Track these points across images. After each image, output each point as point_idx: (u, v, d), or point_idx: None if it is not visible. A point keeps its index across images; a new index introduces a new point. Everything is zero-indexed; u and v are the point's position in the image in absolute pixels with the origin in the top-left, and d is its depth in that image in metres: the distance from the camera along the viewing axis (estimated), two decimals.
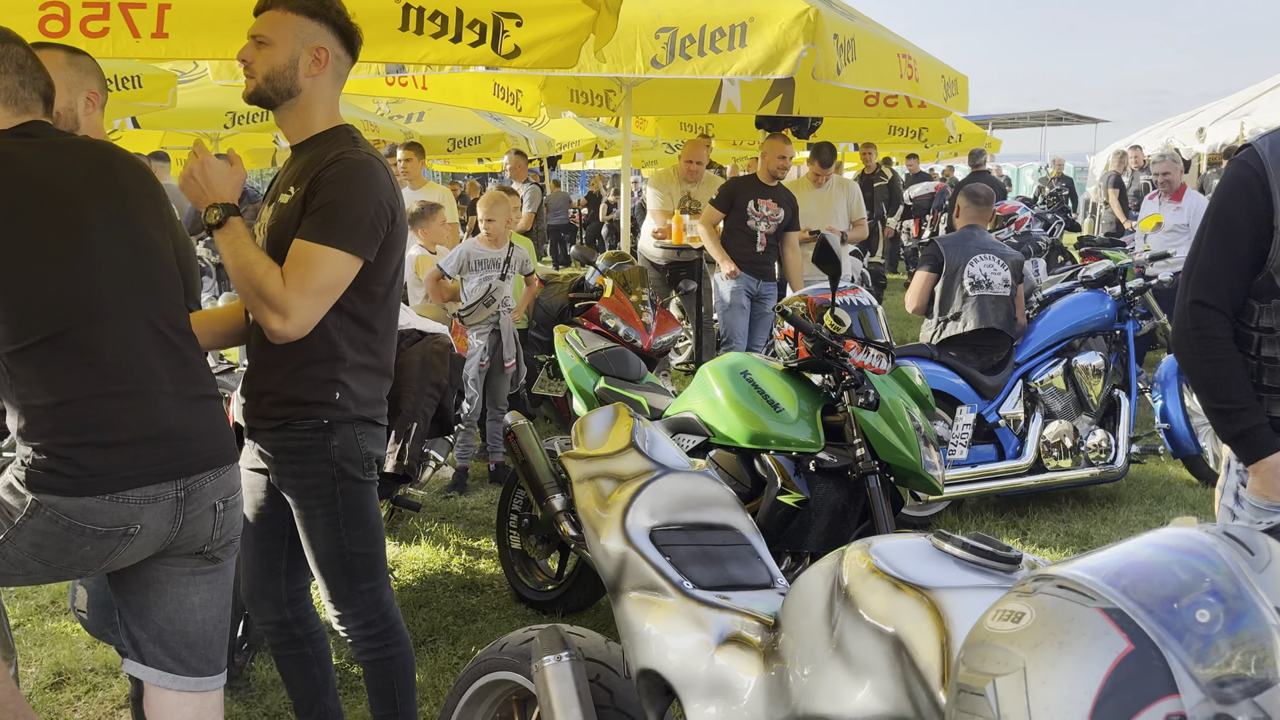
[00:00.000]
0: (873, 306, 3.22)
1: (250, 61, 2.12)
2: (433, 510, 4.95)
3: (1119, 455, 4.81)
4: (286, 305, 1.99)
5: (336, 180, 2.06)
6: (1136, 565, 0.92)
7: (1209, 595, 0.88)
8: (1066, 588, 0.91)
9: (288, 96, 2.14)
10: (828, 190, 6.81)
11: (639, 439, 2.11)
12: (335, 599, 2.30)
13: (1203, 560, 0.91)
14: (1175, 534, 0.95)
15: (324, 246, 2.03)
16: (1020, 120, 29.87)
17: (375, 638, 2.34)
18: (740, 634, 1.72)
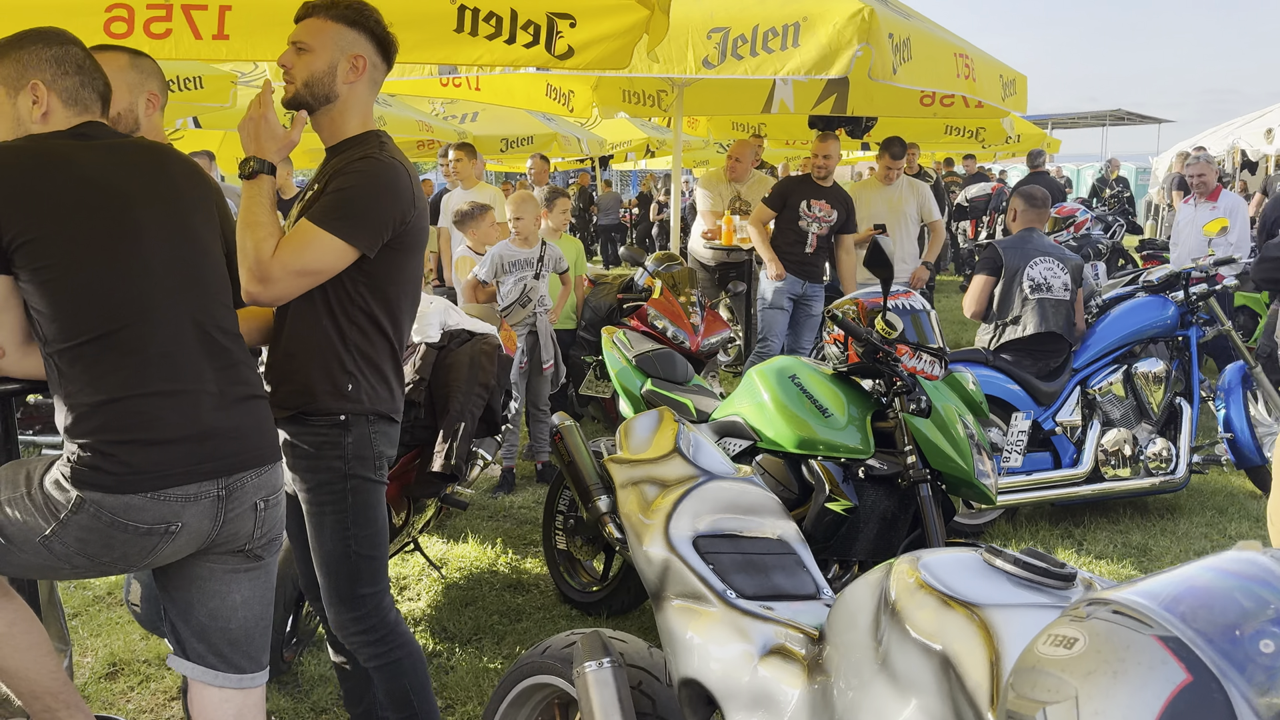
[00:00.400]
0: (925, 310, 3.16)
1: (290, 67, 2.16)
2: (481, 509, 4.98)
3: (1180, 465, 4.67)
4: (269, 273, 2.02)
5: (355, 173, 2.12)
6: (1196, 591, 0.88)
7: (1273, 625, 0.84)
8: (1122, 613, 0.88)
9: (325, 102, 2.19)
10: (896, 189, 6.59)
11: (683, 444, 2.10)
12: (338, 601, 2.29)
13: (1267, 587, 0.87)
14: (1238, 558, 0.91)
15: (321, 230, 2.07)
16: (1081, 120, 29.23)
17: (378, 642, 2.33)
18: (784, 646, 1.69)
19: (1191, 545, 4.50)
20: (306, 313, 2.17)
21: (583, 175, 19.84)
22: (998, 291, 4.77)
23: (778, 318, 5.96)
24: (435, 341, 3.30)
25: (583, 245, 17.32)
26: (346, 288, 2.18)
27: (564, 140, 13.09)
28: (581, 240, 18.54)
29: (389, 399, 2.28)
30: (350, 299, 2.18)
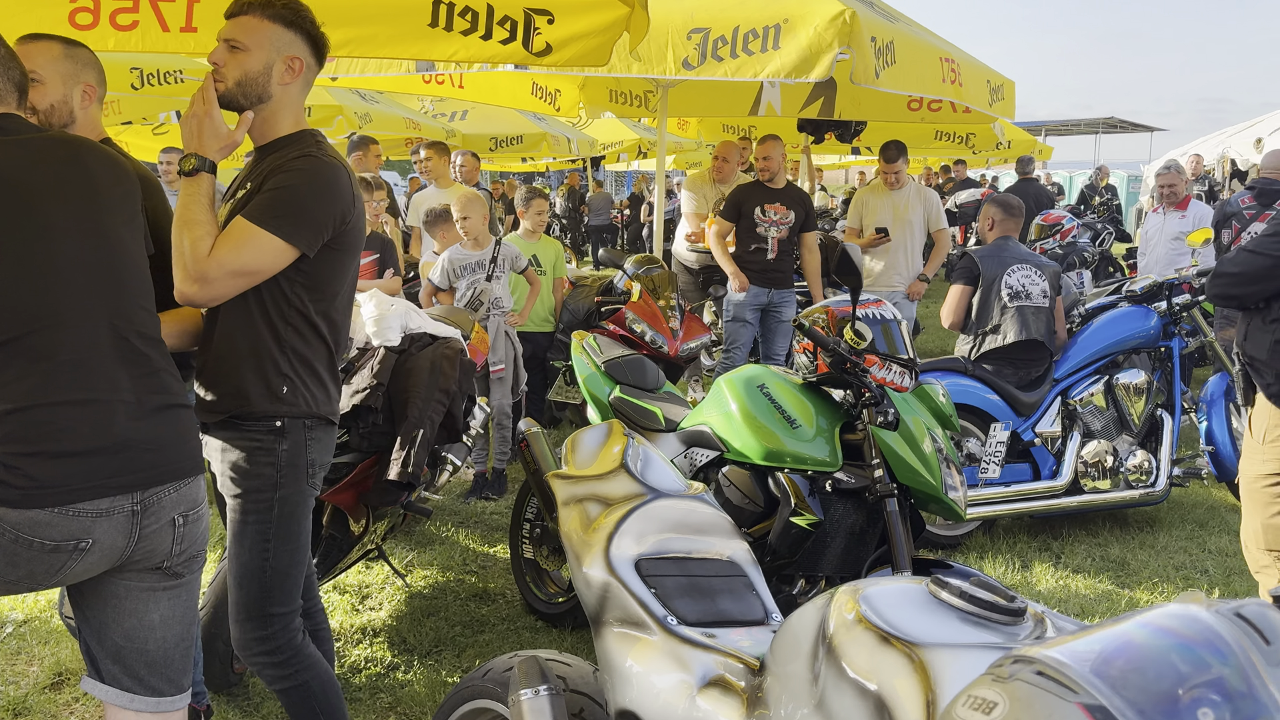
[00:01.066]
0: (896, 320, 3.08)
1: (221, 65, 2.09)
2: (451, 514, 4.89)
3: (1160, 477, 4.61)
4: (205, 272, 1.96)
5: (295, 171, 2.06)
6: (1129, 651, 0.80)
7: (1212, 693, 0.76)
8: (1046, 675, 0.79)
9: (257, 102, 2.13)
10: (903, 195, 6.43)
11: (631, 460, 2.01)
12: (246, 618, 2.21)
13: (1208, 649, 0.79)
14: (1178, 614, 0.83)
15: (259, 228, 2.01)
16: (1074, 127, 29.21)
17: (282, 664, 2.25)
18: (724, 677, 1.61)
19: (1171, 559, 4.43)
20: (240, 314, 2.10)
21: (573, 175, 19.75)
22: (976, 300, 4.69)
23: (741, 331, 5.84)
24: (395, 345, 3.21)
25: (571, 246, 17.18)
26: (283, 288, 2.11)
27: (554, 140, 13.01)
28: (573, 241, 18.49)
29: (326, 402, 2.21)
30: (287, 300, 2.12)
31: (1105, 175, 15.91)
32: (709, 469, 3.33)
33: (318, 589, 2.51)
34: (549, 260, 5.65)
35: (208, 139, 2.06)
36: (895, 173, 6.40)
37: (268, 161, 2.14)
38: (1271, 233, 2.96)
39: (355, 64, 4.92)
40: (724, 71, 4.56)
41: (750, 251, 5.85)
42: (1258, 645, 0.79)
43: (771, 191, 5.84)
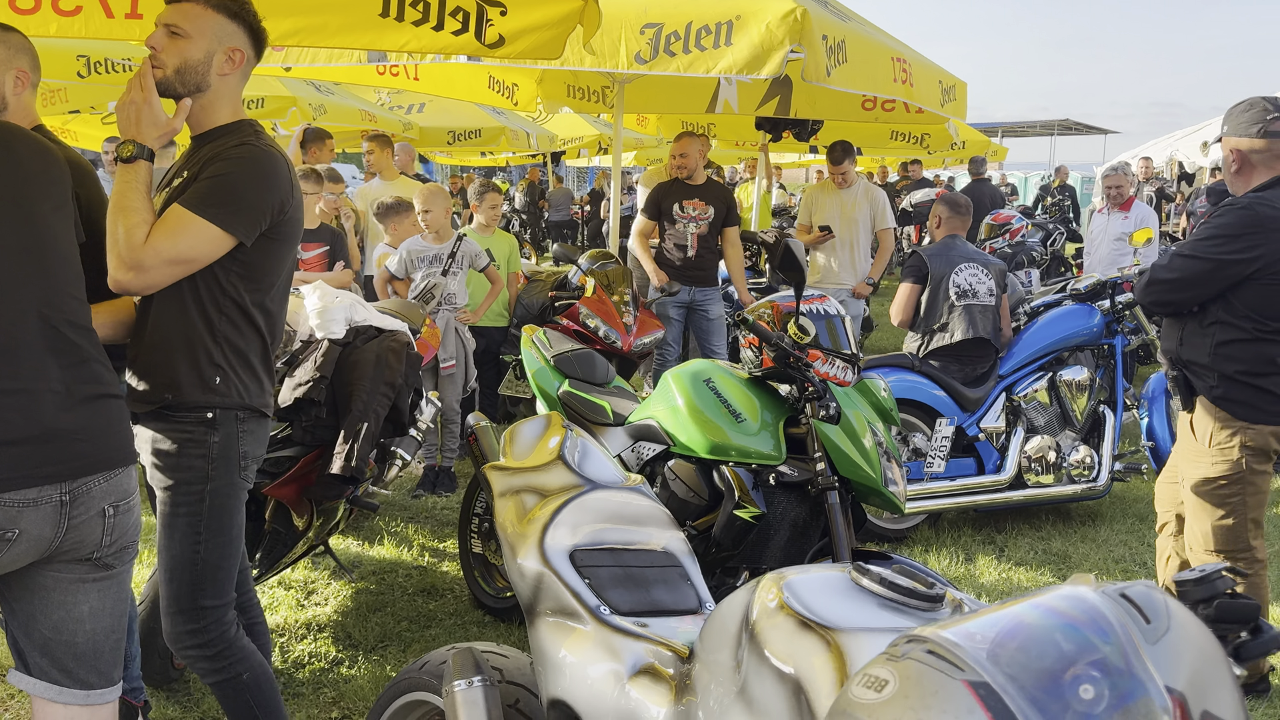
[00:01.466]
0: (840, 316, 3.12)
1: (159, 50, 2.07)
2: (401, 509, 4.86)
3: (1102, 472, 4.70)
4: (140, 260, 1.94)
5: (233, 160, 2.05)
6: (1017, 631, 0.82)
7: (1094, 669, 0.78)
8: (936, 654, 0.82)
9: (195, 91, 2.12)
10: (851, 194, 6.49)
11: (568, 451, 2.02)
12: (177, 611, 2.19)
13: (1092, 628, 0.81)
14: (1062, 595, 0.85)
15: (197, 216, 2.00)
16: (1029, 129, 29.63)
17: (215, 658, 2.23)
18: (653, 665, 1.62)
19: (1112, 552, 4.52)
20: (174, 303, 2.08)
21: (533, 170, 19.68)
22: (924, 299, 4.76)
23: (666, 329, 5.86)
24: (340, 338, 3.19)
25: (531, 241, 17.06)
26: (218, 278, 2.09)
27: (513, 134, 12.95)
28: (533, 236, 18.42)
29: (259, 393, 2.19)
30: (222, 290, 2.10)
31: (1064, 176, 16.16)
32: (656, 462, 3.35)
33: (251, 583, 2.49)
34: (503, 255, 5.64)
35: (145, 126, 2.04)
36: (841, 173, 6.47)
37: (205, 150, 2.12)
38: (1204, 236, 2.95)
39: (307, 53, 4.87)
40: (676, 66, 4.57)
41: (671, 250, 5.86)
42: (1139, 624, 0.81)
43: (690, 188, 5.86)
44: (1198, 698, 0.78)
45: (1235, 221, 2.87)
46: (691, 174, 5.88)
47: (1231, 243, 2.86)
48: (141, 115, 2.04)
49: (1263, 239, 2.82)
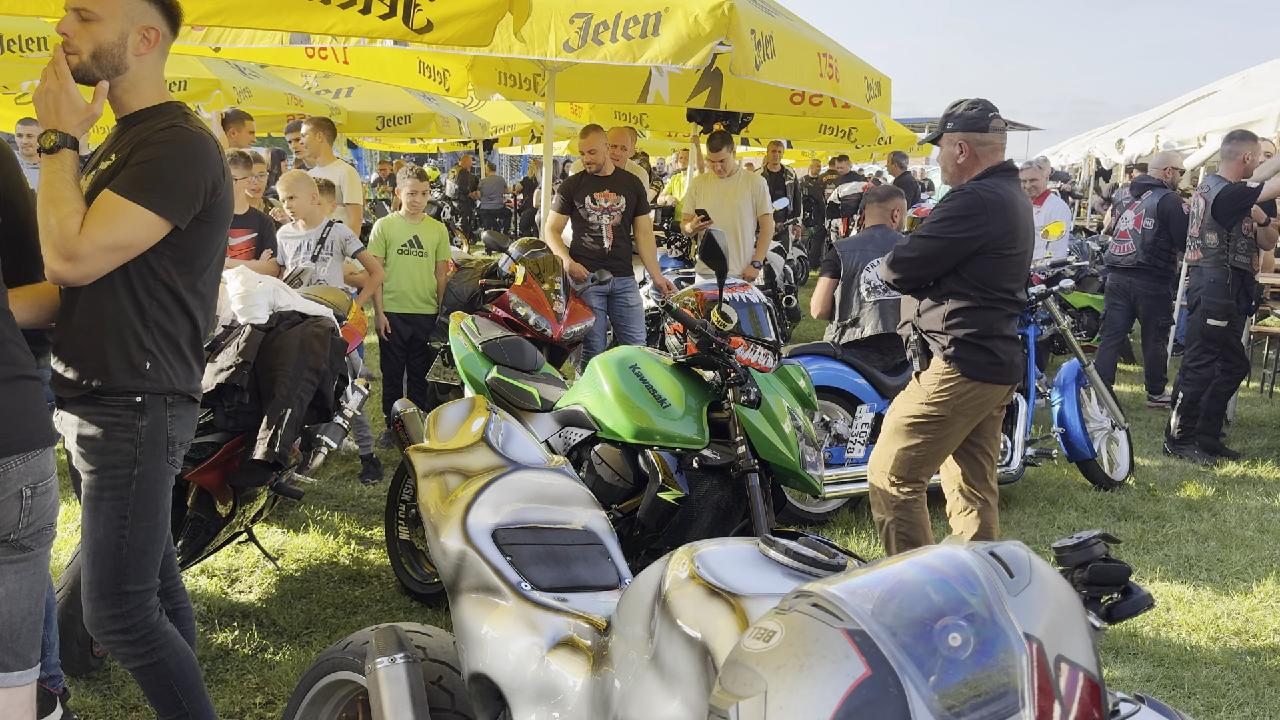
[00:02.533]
0: (762, 304, 3.20)
1: (72, 36, 2.05)
2: (328, 497, 4.83)
3: (1014, 458, 4.88)
4: (76, 250, 1.94)
5: (163, 143, 2.04)
6: (895, 587, 0.89)
7: (961, 619, 0.85)
8: (820, 606, 0.88)
9: (114, 74, 2.10)
10: (732, 183, 6.67)
11: (492, 433, 2.06)
12: (99, 596, 2.17)
13: (961, 582, 0.89)
14: (938, 553, 0.93)
15: (131, 203, 1.99)
16: None
17: (137, 643, 2.22)
18: (572, 637, 1.68)
19: (1024, 534, 4.71)
20: (103, 288, 2.07)
21: (465, 158, 19.51)
22: (838, 294, 4.90)
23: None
24: (262, 323, 3.17)
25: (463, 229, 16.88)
26: (150, 262, 2.08)
27: (443, 121, 12.83)
28: (464, 225, 18.28)
29: (189, 378, 2.19)
30: (154, 273, 2.10)
31: None
32: (583, 447, 3.40)
33: (177, 568, 2.47)
34: (431, 242, 5.61)
35: (65, 114, 2.02)
36: (720, 160, 6.63)
37: (132, 133, 2.10)
38: (937, 219, 3.27)
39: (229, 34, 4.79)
40: (603, 55, 4.61)
41: (587, 242, 5.94)
42: (1003, 578, 0.89)
43: (600, 180, 5.93)
44: (1054, 643, 0.86)
45: (962, 205, 3.21)
46: (600, 167, 5.94)
47: (960, 223, 3.20)
48: (60, 103, 2.02)
49: (985, 219, 3.17)
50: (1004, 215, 3.18)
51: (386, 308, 5.53)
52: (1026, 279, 3.49)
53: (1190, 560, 4.40)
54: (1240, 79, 9.48)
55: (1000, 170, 3.28)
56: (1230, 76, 10.01)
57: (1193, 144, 8.94)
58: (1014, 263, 3.25)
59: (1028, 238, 3.29)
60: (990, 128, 3.27)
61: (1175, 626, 3.75)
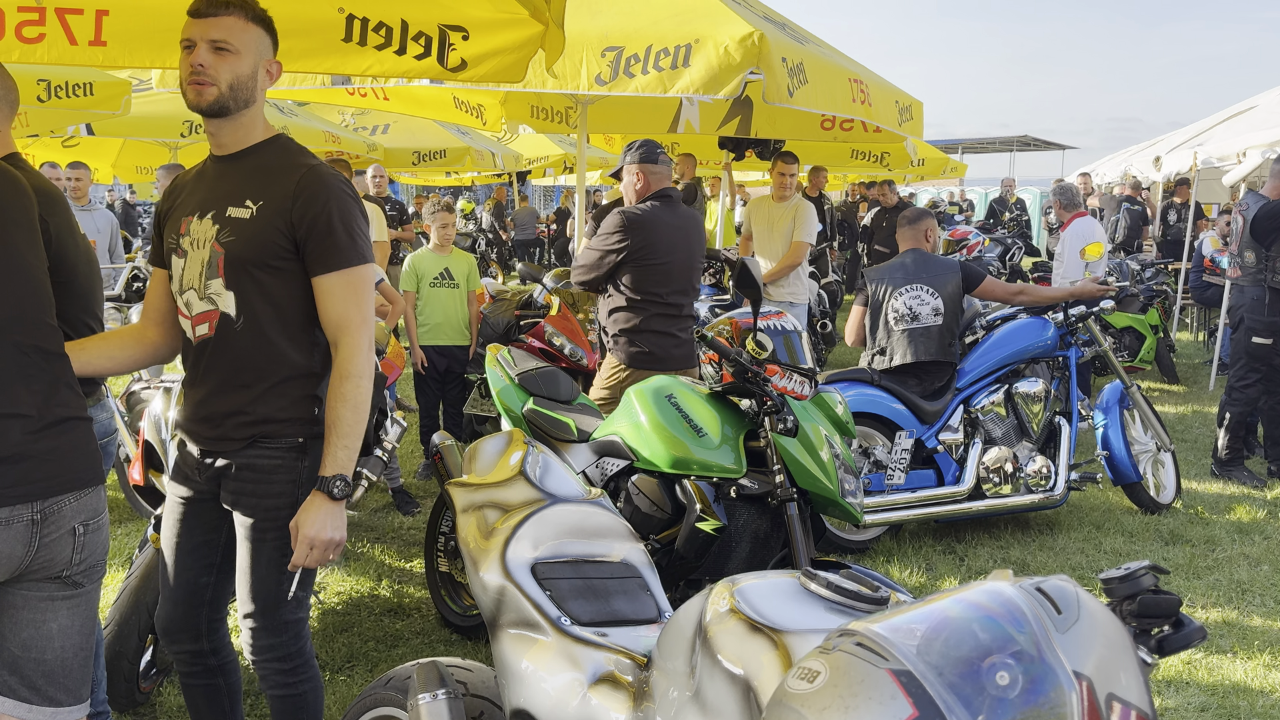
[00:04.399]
0: (796, 331, 3.19)
1: (208, 67, 2.07)
2: (368, 530, 4.87)
3: (1059, 482, 4.81)
4: (370, 338, 2.10)
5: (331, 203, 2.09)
6: (940, 624, 0.88)
7: (1009, 658, 0.84)
8: (864, 645, 0.87)
9: (244, 107, 2.13)
10: (785, 208, 6.66)
11: (530, 467, 2.07)
12: (263, 628, 2.23)
13: (1008, 620, 0.87)
14: (984, 590, 0.92)
15: (356, 267, 2.10)
16: (989, 145, 30.15)
17: (291, 671, 2.27)
18: (613, 673, 1.67)
19: (1069, 560, 4.62)
20: (262, 346, 2.12)
21: (499, 190, 19.73)
22: (868, 322, 4.88)
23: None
24: None
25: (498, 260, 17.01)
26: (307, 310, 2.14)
27: (478, 154, 13.01)
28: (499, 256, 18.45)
29: None
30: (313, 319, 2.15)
31: (1011, 189, 16.44)
32: (620, 478, 3.40)
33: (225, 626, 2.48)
34: (461, 273, 5.67)
35: (334, 534, 2.08)
36: (789, 176, 6.77)
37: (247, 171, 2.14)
38: (603, 233, 4.01)
39: None
40: (635, 87, 4.65)
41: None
42: (1051, 615, 0.88)
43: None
44: (1104, 682, 0.84)
45: (612, 223, 3.98)
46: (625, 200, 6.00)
47: (609, 238, 3.97)
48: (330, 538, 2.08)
49: (628, 235, 3.92)
50: (644, 231, 3.92)
51: (421, 340, 5.59)
52: (686, 286, 4.04)
53: (1242, 586, 4.29)
54: (1279, 93, 9.35)
55: (659, 195, 4.09)
56: (1268, 91, 9.87)
57: (1231, 160, 8.81)
58: (660, 270, 3.94)
59: (672, 250, 3.97)
60: (659, 160, 4.16)
61: (1229, 654, 3.66)
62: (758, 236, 6.66)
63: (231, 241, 2.10)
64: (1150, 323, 8.22)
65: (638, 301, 3.96)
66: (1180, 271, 10.44)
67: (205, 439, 2.19)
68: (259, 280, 2.10)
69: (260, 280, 2.10)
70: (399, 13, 3.45)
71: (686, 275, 4.02)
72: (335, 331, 2.10)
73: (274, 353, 2.12)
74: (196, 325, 2.17)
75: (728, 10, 4.70)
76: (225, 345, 2.13)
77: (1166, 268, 9.91)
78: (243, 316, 2.11)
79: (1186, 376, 9.08)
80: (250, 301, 2.10)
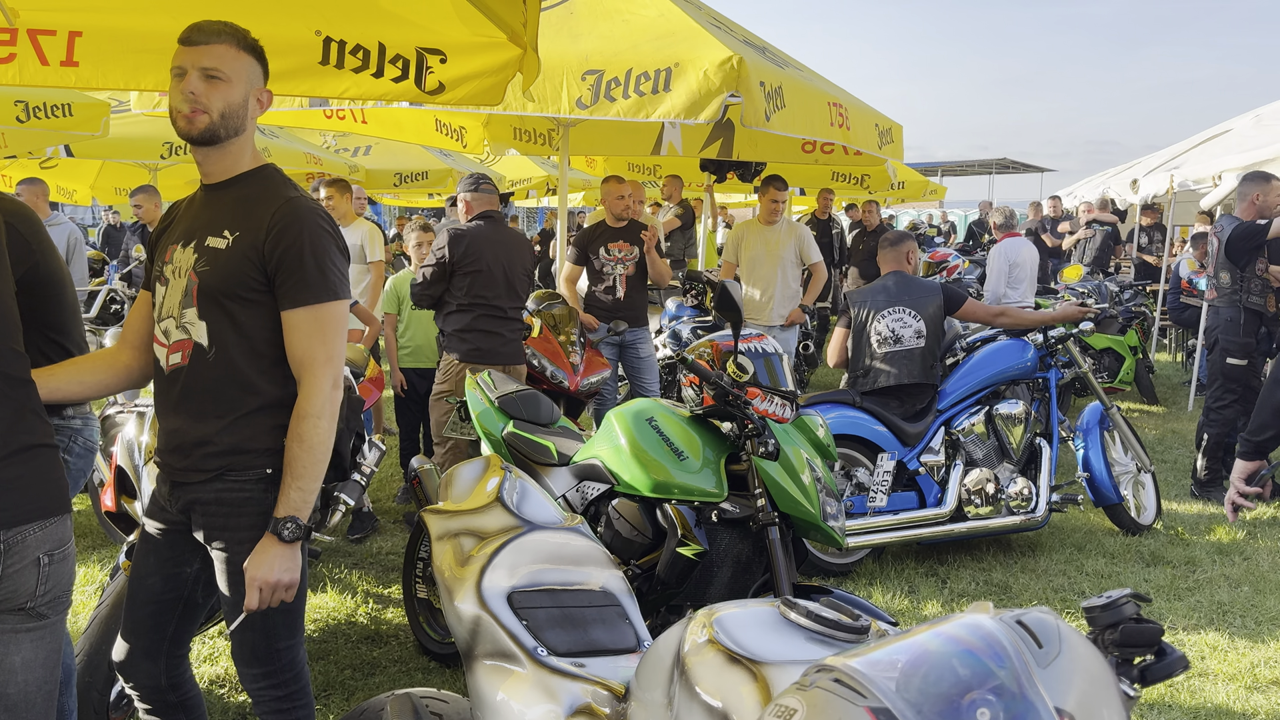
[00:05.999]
0: (777, 354, 3.18)
1: (200, 95, 2.05)
2: (345, 555, 4.81)
3: (1040, 503, 4.80)
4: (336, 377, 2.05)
5: (304, 238, 2.06)
6: (919, 659, 0.86)
7: (989, 694, 0.82)
8: (841, 682, 0.85)
9: (234, 135, 2.11)
10: (775, 231, 6.69)
11: (507, 493, 2.04)
12: (251, 658, 2.20)
13: (989, 655, 0.86)
14: (964, 623, 0.90)
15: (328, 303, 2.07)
16: (969, 168, 30.47)
17: (285, 698, 2.23)
18: (590, 705, 1.64)
19: (1051, 581, 4.62)
20: (234, 377, 2.08)
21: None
22: (850, 344, 4.89)
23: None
24: None
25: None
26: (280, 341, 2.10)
27: (460, 176, 12.98)
28: None
29: None
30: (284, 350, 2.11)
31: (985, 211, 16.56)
32: (600, 502, 3.37)
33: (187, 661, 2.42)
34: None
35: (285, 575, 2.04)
36: (778, 204, 6.69)
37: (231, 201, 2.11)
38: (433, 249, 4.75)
39: None
40: (616, 111, 4.66)
41: (600, 291, 5.98)
42: (1031, 649, 0.86)
43: (615, 230, 5.99)
44: (1086, 716, 0.83)
45: (441, 240, 4.73)
46: (617, 218, 6.02)
47: (439, 251, 4.71)
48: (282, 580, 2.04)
49: (455, 246, 4.67)
50: (465, 243, 4.68)
51: (402, 363, 5.54)
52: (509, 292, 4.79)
53: (1223, 607, 4.30)
54: (1254, 117, 9.46)
55: (481, 216, 4.87)
56: (1243, 115, 10.00)
57: (1208, 183, 8.91)
58: (484, 277, 4.70)
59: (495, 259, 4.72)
60: (480, 189, 4.95)
61: (1211, 676, 3.65)
62: (749, 261, 6.67)
63: (206, 271, 2.08)
64: (1129, 344, 8.28)
65: (466, 305, 4.69)
66: (1158, 293, 10.53)
67: (175, 469, 2.15)
68: (229, 311, 2.07)
69: (231, 311, 2.07)
70: (376, 35, 3.44)
71: (509, 282, 4.77)
72: (298, 368, 2.07)
73: (245, 383, 2.08)
74: (171, 354, 2.13)
75: (707, 34, 4.72)
76: (197, 375, 2.10)
77: (1145, 289, 9.99)
78: (214, 347, 2.08)
79: (1165, 397, 9.13)
80: (222, 332, 2.08)
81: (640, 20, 4.97)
